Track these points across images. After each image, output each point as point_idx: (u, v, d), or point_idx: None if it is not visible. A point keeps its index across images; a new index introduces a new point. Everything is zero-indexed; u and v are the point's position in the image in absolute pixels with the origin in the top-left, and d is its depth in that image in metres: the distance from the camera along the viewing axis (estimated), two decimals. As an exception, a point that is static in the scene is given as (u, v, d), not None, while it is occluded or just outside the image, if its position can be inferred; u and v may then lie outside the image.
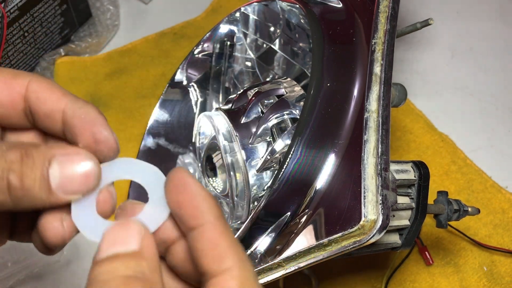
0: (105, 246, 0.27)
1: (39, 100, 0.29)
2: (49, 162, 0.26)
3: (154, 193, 0.28)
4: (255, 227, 0.43)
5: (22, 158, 0.26)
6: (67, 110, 0.28)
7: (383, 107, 0.43)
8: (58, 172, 0.26)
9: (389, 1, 0.47)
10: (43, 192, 0.26)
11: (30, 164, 0.26)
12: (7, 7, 0.65)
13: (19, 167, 0.26)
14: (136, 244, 0.26)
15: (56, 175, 0.26)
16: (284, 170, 0.42)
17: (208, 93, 0.62)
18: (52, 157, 0.27)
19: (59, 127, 0.29)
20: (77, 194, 0.27)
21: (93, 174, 0.27)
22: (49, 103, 0.28)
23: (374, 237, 0.39)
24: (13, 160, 0.26)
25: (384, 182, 0.41)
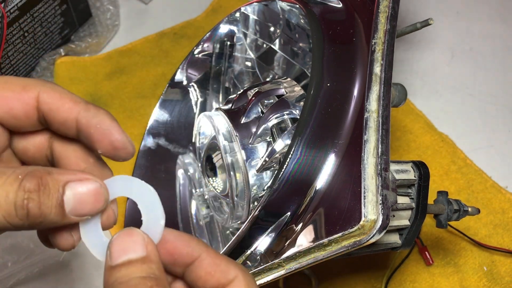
0: (117, 253, 0.30)
1: (52, 111, 0.31)
2: (63, 189, 0.29)
3: (149, 210, 0.32)
4: (255, 227, 0.43)
5: (39, 187, 0.28)
6: (81, 119, 0.30)
7: (383, 107, 0.43)
8: (71, 198, 0.29)
9: (389, 1, 0.47)
10: (58, 217, 0.29)
11: (47, 192, 0.29)
12: (7, 7, 0.65)
13: (37, 197, 0.28)
14: (143, 250, 0.30)
15: (69, 201, 0.29)
16: (284, 170, 0.42)
17: (208, 93, 0.62)
18: (65, 184, 0.29)
19: (74, 132, 0.31)
20: (87, 216, 0.30)
21: (103, 198, 0.30)
22: (62, 113, 0.30)
23: (374, 237, 0.39)
24: (30, 190, 0.28)
25: (384, 182, 0.41)
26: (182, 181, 0.60)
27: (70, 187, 0.29)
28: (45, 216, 0.29)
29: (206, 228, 0.58)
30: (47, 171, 0.29)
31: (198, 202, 0.59)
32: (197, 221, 0.59)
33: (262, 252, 0.43)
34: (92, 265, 0.61)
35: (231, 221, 0.51)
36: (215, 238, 0.57)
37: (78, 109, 0.31)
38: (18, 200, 0.28)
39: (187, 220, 0.59)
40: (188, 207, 0.60)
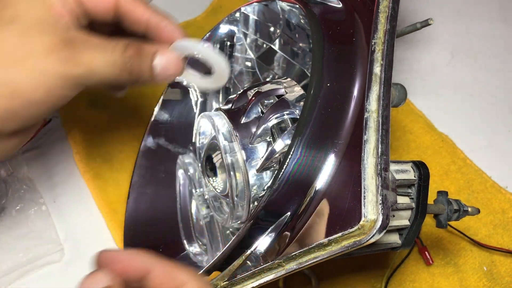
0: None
1: (128, 11, 0.40)
2: (153, 56, 0.40)
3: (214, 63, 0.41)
4: (255, 227, 0.43)
5: (137, 53, 0.39)
6: (151, 21, 0.40)
7: (383, 107, 0.43)
8: (159, 63, 0.40)
9: (389, 1, 0.47)
10: (149, 76, 0.40)
11: (143, 58, 0.39)
12: (7, 7, 0.65)
13: (136, 61, 0.39)
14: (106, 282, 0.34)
15: (157, 66, 0.40)
16: (284, 170, 0.42)
17: (208, 93, 0.62)
18: (155, 53, 0.40)
19: (142, 30, 0.41)
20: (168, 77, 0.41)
21: (181, 66, 0.41)
22: (136, 14, 0.40)
23: (374, 237, 0.39)
24: (131, 55, 0.38)
25: (384, 182, 0.41)
26: (182, 181, 0.60)
27: (159, 56, 0.40)
28: (141, 76, 0.39)
29: (206, 228, 0.58)
30: (142, 42, 0.39)
31: (198, 202, 0.59)
32: (197, 221, 0.59)
33: (262, 252, 0.43)
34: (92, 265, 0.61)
35: (231, 221, 0.51)
36: (215, 238, 0.57)
37: (149, 13, 0.40)
38: (124, 63, 0.38)
39: (187, 220, 0.59)
40: (188, 207, 0.60)
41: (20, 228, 0.61)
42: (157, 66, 0.40)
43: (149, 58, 0.40)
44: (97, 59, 0.37)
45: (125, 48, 0.38)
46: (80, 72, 0.37)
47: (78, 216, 0.64)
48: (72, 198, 0.66)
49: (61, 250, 0.61)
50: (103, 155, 0.68)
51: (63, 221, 0.64)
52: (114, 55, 0.38)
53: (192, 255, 0.57)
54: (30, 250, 0.60)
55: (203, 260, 0.56)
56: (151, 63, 0.40)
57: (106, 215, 0.64)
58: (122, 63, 0.38)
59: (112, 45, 0.38)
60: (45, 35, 0.36)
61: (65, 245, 0.62)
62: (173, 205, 0.60)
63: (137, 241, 0.57)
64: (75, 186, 0.66)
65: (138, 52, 0.39)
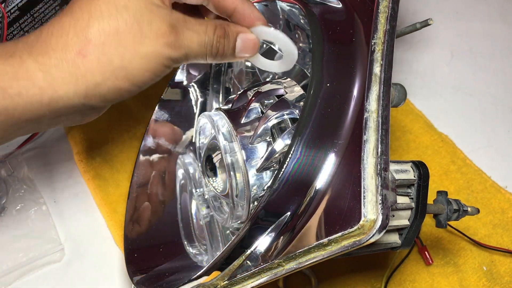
0: None
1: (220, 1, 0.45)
2: (236, 37, 0.44)
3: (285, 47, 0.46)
4: (255, 227, 0.43)
5: (224, 35, 0.43)
6: (238, 8, 0.45)
7: (383, 107, 0.43)
8: (240, 44, 0.44)
9: (389, 2, 0.47)
10: (231, 56, 0.45)
11: (228, 39, 0.44)
12: (8, 7, 0.65)
13: (223, 41, 0.43)
14: None
15: (239, 46, 0.45)
16: (284, 170, 0.42)
17: (208, 93, 0.62)
18: (237, 34, 0.44)
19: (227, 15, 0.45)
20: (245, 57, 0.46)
21: (257, 46, 0.45)
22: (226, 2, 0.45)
23: (374, 237, 0.39)
24: (220, 36, 0.43)
25: (384, 182, 0.41)
26: (182, 181, 0.60)
27: (240, 37, 0.44)
28: (225, 54, 0.44)
29: (206, 228, 0.58)
30: (227, 23, 0.44)
31: (198, 202, 0.59)
32: (197, 221, 0.59)
33: (262, 252, 0.43)
34: (92, 265, 0.62)
35: (231, 221, 0.51)
36: (215, 238, 0.57)
37: (238, 1, 0.44)
38: (214, 42, 0.43)
39: (187, 220, 0.59)
40: (188, 207, 0.60)
41: (20, 228, 0.62)
42: (238, 45, 0.44)
43: (234, 39, 0.44)
44: (194, 42, 0.42)
45: (215, 30, 0.43)
46: (181, 54, 0.41)
47: (78, 216, 0.64)
48: (72, 198, 0.66)
49: (61, 250, 0.61)
50: (103, 155, 0.68)
51: (63, 221, 0.64)
52: (207, 36, 0.42)
53: (192, 255, 0.57)
54: (30, 250, 0.60)
55: (203, 260, 0.56)
56: (235, 43, 0.44)
57: (106, 215, 0.64)
58: (212, 43, 0.43)
59: (204, 26, 0.42)
60: (154, 21, 0.40)
61: (65, 245, 0.62)
62: (173, 205, 0.60)
63: (137, 241, 0.57)
64: (75, 186, 0.66)
65: (226, 33, 0.43)
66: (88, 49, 0.38)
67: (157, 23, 0.40)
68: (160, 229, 0.58)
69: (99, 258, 0.62)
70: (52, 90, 0.38)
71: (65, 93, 0.39)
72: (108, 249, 0.62)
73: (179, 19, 0.41)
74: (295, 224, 0.42)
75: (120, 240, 0.61)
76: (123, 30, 0.39)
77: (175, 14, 0.41)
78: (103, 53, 0.39)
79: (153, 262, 0.55)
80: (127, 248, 0.56)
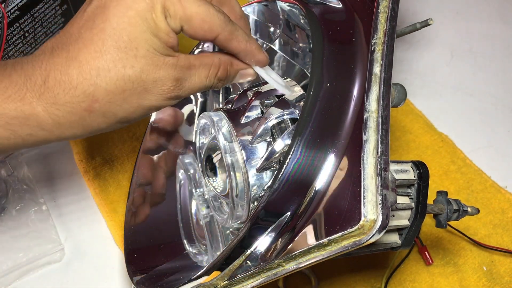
0: None
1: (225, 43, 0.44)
2: (236, 73, 0.46)
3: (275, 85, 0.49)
4: (255, 227, 0.43)
5: (225, 76, 0.45)
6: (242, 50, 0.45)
7: (383, 107, 0.43)
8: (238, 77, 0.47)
9: (389, 2, 0.47)
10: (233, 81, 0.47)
11: (229, 78, 0.46)
12: (8, 7, 0.65)
13: (222, 82, 0.46)
14: None
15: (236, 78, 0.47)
16: (284, 170, 0.42)
17: (208, 93, 0.62)
18: (237, 71, 0.46)
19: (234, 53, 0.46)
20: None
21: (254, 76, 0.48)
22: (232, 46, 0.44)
23: (374, 237, 0.39)
24: (221, 78, 0.45)
25: (384, 182, 0.41)
26: (182, 181, 0.60)
27: (240, 73, 0.47)
28: (231, 79, 0.46)
29: (206, 228, 0.58)
30: (230, 62, 0.45)
31: (198, 202, 0.59)
32: (197, 221, 0.59)
33: (262, 252, 0.43)
34: (92, 265, 0.62)
35: (231, 221, 0.51)
36: (215, 238, 0.57)
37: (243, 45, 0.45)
38: (214, 84, 0.45)
39: (187, 220, 0.59)
40: (188, 207, 0.60)
41: (20, 228, 0.62)
42: (236, 78, 0.47)
43: (233, 76, 0.46)
44: (195, 86, 0.44)
45: (217, 72, 0.45)
46: (183, 95, 0.44)
47: (78, 216, 0.64)
48: (72, 198, 0.66)
49: (61, 250, 0.61)
50: (103, 155, 0.68)
51: (63, 221, 0.64)
52: (208, 81, 0.44)
53: (192, 255, 0.57)
54: (30, 250, 0.60)
55: (203, 260, 0.56)
56: (235, 76, 0.47)
57: (106, 215, 0.64)
58: (212, 85, 0.45)
59: (207, 70, 0.44)
60: (159, 78, 0.41)
61: (65, 245, 0.62)
62: (173, 205, 0.60)
63: (137, 241, 0.57)
64: (75, 186, 0.66)
65: (227, 74, 0.46)
66: (95, 107, 0.41)
67: (162, 81, 0.41)
68: (160, 229, 0.58)
69: (99, 258, 0.62)
70: (60, 132, 0.42)
71: (71, 134, 0.42)
72: (108, 249, 0.62)
73: (183, 68, 0.42)
74: (295, 224, 0.42)
75: (120, 240, 0.61)
76: (129, 89, 0.41)
77: (181, 61, 0.42)
78: (108, 110, 0.41)
79: (153, 262, 0.55)
80: (127, 248, 0.56)
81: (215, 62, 0.44)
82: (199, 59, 0.44)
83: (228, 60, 0.45)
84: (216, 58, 0.45)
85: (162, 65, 0.41)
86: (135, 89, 0.41)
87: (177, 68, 0.42)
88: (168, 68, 0.42)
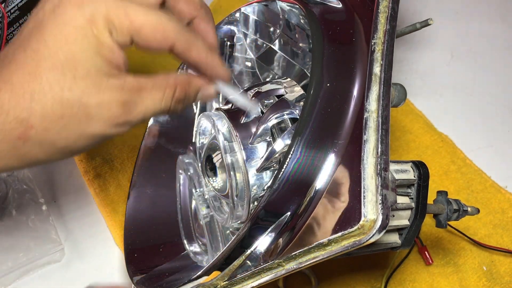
0: None
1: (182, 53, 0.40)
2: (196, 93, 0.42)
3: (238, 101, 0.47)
4: (255, 227, 0.43)
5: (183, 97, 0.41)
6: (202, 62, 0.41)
7: (383, 107, 0.43)
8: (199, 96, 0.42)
9: (389, 2, 0.47)
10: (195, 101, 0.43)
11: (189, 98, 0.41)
12: (8, 7, 0.65)
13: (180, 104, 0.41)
14: None
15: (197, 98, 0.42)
16: (284, 170, 0.42)
17: (208, 93, 0.62)
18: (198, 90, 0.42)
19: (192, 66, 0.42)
20: None
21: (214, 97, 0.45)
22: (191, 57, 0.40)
23: (374, 237, 0.39)
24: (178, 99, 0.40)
25: (384, 182, 0.41)
26: (182, 181, 0.60)
27: (200, 92, 0.42)
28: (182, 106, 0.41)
29: (206, 228, 0.58)
30: (189, 81, 0.41)
31: (198, 202, 0.59)
32: (197, 221, 0.59)
33: (262, 252, 0.43)
34: (92, 265, 0.62)
35: (231, 221, 0.51)
36: (215, 238, 0.57)
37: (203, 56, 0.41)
38: (171, 107, 0.40)
39: (187, 220, 0.59)
40: (188, 207, 0.60)
41: (20, 228, 0.61)
42: (198, 97, 0.42)
43: (193, 96, 0.42)
44: (148, 111, 0.39)
45: (173, 94, 0.40)
46: (135, 120, 0.39)
47: (78, 216, 0.64)
48: (72, 198, 0.66)
49: (61, 250, 0.61)
50: (103, 155, 0.68)
51: (63, 221, 0.64)
52: (164, 103, 0.39)
53: (192, 255, 0.57)
54: (30, 250, 0.60)
55: (203, 260, 0.56)
56: (195, 96, 0.42)
57: (106, 215, 0.64)
58: (168, 109, 0.40)
59: (162, 92, 0.39)
60: (103, 102, 0.36)
61: (65, 245, 0.62)
62: (173, 205, 0.60)
63: (137, 241, 0.57)
64: (75, 186, 0.66)
65: (186, 95, 0.41)
66: (29, 135, 0.36)
67: (107, 104, 0.36)
68: (160, 229, 0.58)
69: (99, 258, 0.62)
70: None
71: (4, 165, 0.37)
72: (108, 249, 0.62)
73: (132, 90, 0.37)
74: (295, 224, 0.42)
75: (120, 240, 0.61)
76: (68, 114, 0.36)
77: (128, 83, 0.37)
78: (45, 138, 0.36)
79: (153, 262, 0.55)
80: (127, 248, 0.56)
81: (170, 83, 0.39)
82: (152, 80, 0.39)
83: (186, 79, 0.41)
84: (172, 78, 0.40)
85: (106, 87, 0.36)
86: (75, 115, 0.36)
87: (124, 90, 0.37)
88: (114, 90, 0.37)
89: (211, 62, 0.41)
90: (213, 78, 0.42)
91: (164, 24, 0.37)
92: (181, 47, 0.39)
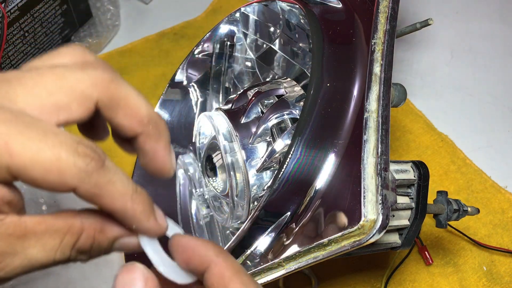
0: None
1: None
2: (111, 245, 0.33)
3: None
4: (255, 227, 0.43)
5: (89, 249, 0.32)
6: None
7: (383, 107, 0.43)
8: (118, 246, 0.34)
9: (389, 1, 0.47)
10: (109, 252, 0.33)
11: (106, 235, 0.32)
12: (8, 7, 0.65)
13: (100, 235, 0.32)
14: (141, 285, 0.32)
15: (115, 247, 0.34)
16: (284, 170, 0.42)
17: (208, 93, 0.62)
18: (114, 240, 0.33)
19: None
20: None
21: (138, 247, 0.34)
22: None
23: (374, 237, 0.39)
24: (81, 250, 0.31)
25: (384, 182, 0.41)
26: (182, 181, 0.60)
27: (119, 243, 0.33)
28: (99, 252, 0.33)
29: (206, 228, 0.58)
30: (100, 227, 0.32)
31: (198, 202, 0.59)
32: (197, 221, 0.59)
33: (262, 252, 0.43)
34: (92, 265, 0.61)
35: (231, 221, 0.51)
36: (215, 238, 0.57)
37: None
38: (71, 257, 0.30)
39: (187, 220, 0.59)
40: (188, 207, 0.60)
41: (20, 228, 0.61)
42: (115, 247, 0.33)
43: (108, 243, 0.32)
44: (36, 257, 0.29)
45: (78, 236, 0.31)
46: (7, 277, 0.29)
47: (78, 216, 0.64)
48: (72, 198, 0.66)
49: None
50: (103, 155, 0.68)
51: (63, 221, 0.64)
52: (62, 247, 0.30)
53: (192, 255, 0.57)
54: (30, 250, 0.60)
55: (203, 260, 0.56)
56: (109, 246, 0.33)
57: (106, 215, 0.64)
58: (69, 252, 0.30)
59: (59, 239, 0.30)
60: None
61: (65, 245, 0.62)
62: (173, 205, 0.60)
63: (137, 241, 0.57)
64: (75, 186, 0.66)
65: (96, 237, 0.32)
66: None
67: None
68: (160, 229, 0.58)
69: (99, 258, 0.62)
70: None
71: None
72: (108, 249, 0.62)
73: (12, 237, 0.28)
74: (295, 224, 0.42)
75: (120, 240, 0.61)
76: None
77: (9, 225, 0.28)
78: None
79: (153, 262, 0.55)
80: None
81: (73, 227, 0.30)
82: (47, 222, 0.29)
83: (97, 225, 0.31)
84: (78, 221, 0.31)
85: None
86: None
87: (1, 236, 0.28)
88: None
89: (131, 212, 0.31)
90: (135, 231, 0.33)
91: (62, 163, 0.28)
92: (86, 192, 0.30)
